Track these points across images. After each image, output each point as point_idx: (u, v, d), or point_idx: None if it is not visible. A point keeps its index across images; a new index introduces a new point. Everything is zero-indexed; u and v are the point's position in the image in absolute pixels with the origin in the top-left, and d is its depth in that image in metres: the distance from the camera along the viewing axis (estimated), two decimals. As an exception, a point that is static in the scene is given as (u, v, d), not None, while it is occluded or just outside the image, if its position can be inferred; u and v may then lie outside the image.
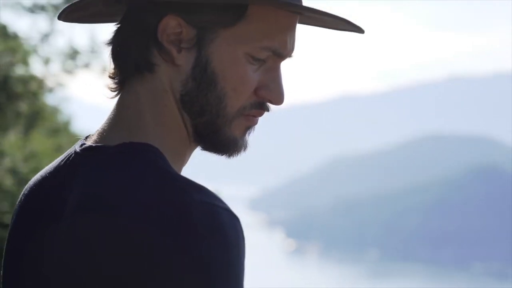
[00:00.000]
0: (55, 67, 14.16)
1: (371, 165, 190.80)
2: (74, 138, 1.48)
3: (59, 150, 14.42)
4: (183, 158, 1.44)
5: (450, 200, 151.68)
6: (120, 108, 1.42)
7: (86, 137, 1.45)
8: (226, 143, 1.41)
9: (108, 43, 1.44)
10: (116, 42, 1.43)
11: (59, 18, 1.49)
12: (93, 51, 14.28)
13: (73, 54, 14.18)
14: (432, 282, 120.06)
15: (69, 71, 14.21)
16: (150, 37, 1.38)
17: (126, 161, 1.33)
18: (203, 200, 1.25)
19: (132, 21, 1.40)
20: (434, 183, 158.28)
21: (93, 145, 1.40)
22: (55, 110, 19.39)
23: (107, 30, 1.43)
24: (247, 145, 1.43)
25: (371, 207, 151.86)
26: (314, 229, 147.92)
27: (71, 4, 1.45)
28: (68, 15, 1.48)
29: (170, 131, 1.40)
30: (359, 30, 1.45)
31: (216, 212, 1.25)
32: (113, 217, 1.27)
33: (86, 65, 14.24)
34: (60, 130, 19.10)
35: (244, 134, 1.43)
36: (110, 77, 1.45)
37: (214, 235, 1.23)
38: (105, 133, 1.41)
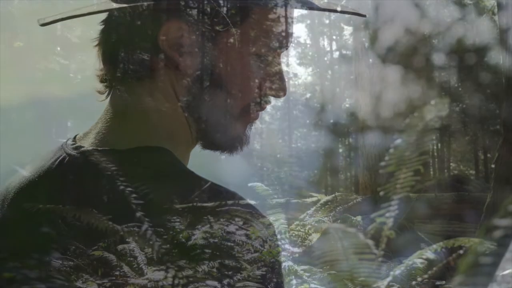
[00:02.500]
0: None
1: None
2: None
3: None
4: (187, 161, 1.39)
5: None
6: (118, 110, 1.33)
7: (74, 138, 1.34)
8: (232, 143, 1.38)
9: (97, 44, 1.33)
10: (108, 45, 1.33)
11: (44, 24, 1.35)
12: None
13: None
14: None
15: None
16: (151, 44, 1.29)
17: (151, 165, 1.25)
18: (242, 206, 1.23)
19: (128, 25, 1.30)
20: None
21: (99, 148, 1.28)
22: None
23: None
24: (249, 139, 1.41)
25: None
26: None
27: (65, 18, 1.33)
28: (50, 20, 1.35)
29: (178, 134, 1.34)
30: (360, 14, 1.45)
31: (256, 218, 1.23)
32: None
33: None
34: None
35: (246, 129, 1.40)
36: (101, 80, 1.35)
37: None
38: (106, 137, 1.30)
